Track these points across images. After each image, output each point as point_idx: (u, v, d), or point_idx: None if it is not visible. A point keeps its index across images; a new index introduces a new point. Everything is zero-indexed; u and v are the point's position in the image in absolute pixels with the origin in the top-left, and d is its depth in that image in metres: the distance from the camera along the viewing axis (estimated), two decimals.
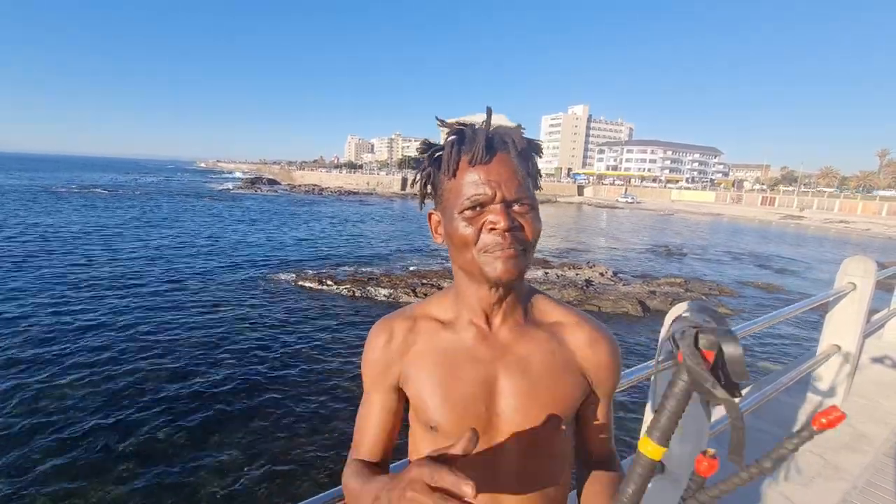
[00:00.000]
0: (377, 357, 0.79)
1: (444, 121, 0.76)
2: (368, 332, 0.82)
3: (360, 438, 0.81)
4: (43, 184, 56.76)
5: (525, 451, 0.73)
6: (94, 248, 18.61)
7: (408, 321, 0.80)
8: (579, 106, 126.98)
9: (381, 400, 0.80)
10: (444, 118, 0.78)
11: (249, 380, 7.87)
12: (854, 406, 3.14)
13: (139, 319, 10.47)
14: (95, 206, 34.54)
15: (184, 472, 5.57)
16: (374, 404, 0.80)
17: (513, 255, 0.68)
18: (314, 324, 10.72)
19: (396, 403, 0.80)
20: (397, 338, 0.78)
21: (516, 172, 0.69)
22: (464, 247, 0.70)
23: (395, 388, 0.79)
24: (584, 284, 14.80)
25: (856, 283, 2.95)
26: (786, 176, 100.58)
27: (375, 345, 0.79)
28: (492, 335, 0.76)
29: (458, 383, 0.73)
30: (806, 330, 11.53)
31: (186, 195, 49.81)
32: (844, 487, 2.32)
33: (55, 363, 8.11)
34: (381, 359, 0.78)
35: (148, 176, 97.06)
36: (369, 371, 0.80)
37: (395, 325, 0.80)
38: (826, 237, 38.45)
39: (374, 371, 0.79)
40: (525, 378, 0.73)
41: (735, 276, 19.08)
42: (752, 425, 2.74)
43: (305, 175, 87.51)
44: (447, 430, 0.72)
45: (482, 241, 0.69)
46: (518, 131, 0.71)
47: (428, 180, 0.76)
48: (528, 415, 0.72)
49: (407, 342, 0.78)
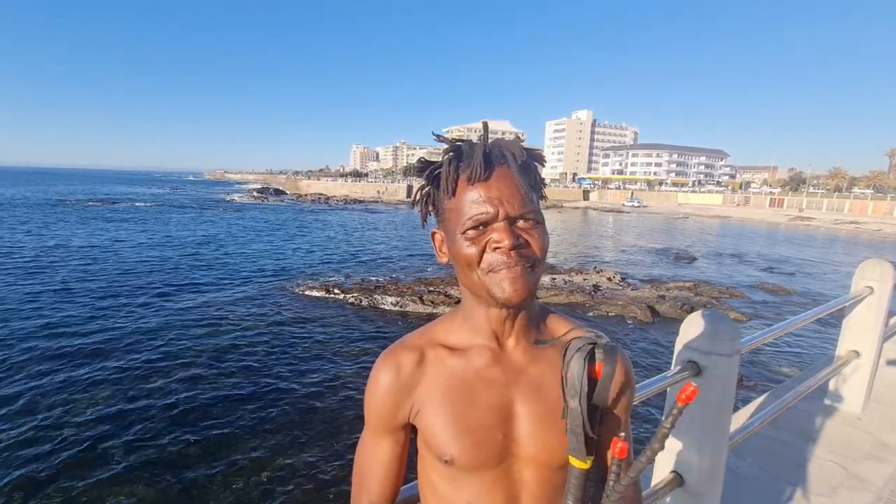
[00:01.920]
0: (384, 397, 0.74)
1: (441, 136, 0.73)
2: (372, 368, 0.77)
3: (369, 481, 0.77)
4: (44, 197, 57.53)
5: (543, 477, 0.70)
6: (96, 259, 18.79)
7: (415, 352, 0.75)
8: (583, 111, 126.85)
9: (390, 441, 0.76)
10: (449, 126, 0.78)
11: (257, 389, 7.87)
12: (875, 414, 3.06)
13: (146, 329, 10.52)
14: (101, 218, 34.95)
15: (191, 481, 5.56)
16: (383, 445, 0.76)
17: (520, 274, 0.65)
18: (321, 333, 10.71)
19: (405, 440, 0.77)
20: (405, 373, 0.74)
21: (518, 187, 0.66)
22: (468, 267, 0.68)
23: (405, 426, 0.76)
24: (591, 289, 14.70)
25: (873, 286, 2.89)
26: (794, 177, 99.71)
27: (382, 384, 0.74)
28: (505, 357, 0.73)
29: (473, 412, 0.70)
30: (822, 332, 11.34)
31: (193, 206, 50.30)
32: (868, 499, 2.25)
33: (61, 371, 8.16)
34: (389, 399, 0.74)
35: (154, 188, 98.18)
36: (376, 412, 0.75)
37: (401, 359, 0.75)
38: (836, 238, 38.00)
39: (382, 412, 0.75)
40: (541, 401, 0.71)
41: (745, 279, 18.87)
42: (771, 435, 2.67)
43: (311, 184, 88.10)
44: (464, 462, 0.69)
45: (486, 260, 0.66)
46: (517, 143, 0.68)
47: (428, 199, 0.74)
48: (547, 439, 0.69)
49: (416, 376, 0.73)
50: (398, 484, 0.78)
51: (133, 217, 36.98)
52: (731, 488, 2.11)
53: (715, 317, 1.57)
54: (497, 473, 0.69)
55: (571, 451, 0.65)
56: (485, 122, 0.71)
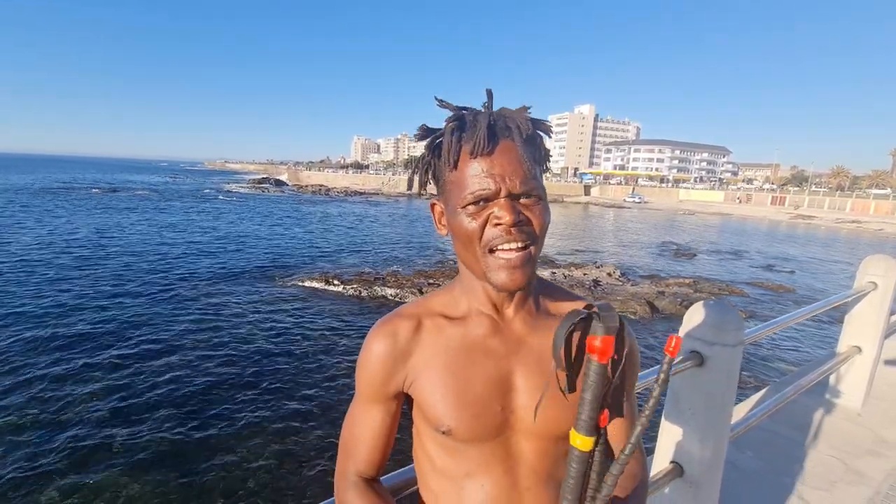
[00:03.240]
0: (379, 365, 0.72)
1: (445, 102, 0.69)
2: (367, 336, 0.75)
3: (356, 451, 0.75)
4: (43, 185, 57.39)
5: (542, 449, 0.69)
6: (93, 249, 18.73)
7: (411, 320, 0.73)
8: (586, 105, 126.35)
9: (381, 410, 0.74)
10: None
11: (255, 379, 7.88)
12: (875, 410, 3.05)
13: (145, 320, 10.52)
14: (100, 207, 34.89)
15: (189, 472, 5.57)
16: (374, 414, 0.74)
17: (519, 263, 0.63)
18: (321, 324, 10.72)
19: (397, 410, 0.75)
20: (400, 341, 0.72)
21: (521, 162, 0.64)
22: (469, 242, 0.66)
23: (398, 395, 0.74)
24: (591, 285, 14.69)
25: (877, 282, 2.87)
26: (796, 175, 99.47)
27: (376, 351, 0.72)
28: (505, 327, 0.72)
29: (471, 383, 0.68)
30: (824, 329, 11.35)
31: (193, 196, 50.20)
32: (867, 493, 2.25)
33: (58, 362, 8.17)
34: (383, 367, 0.72)
35: (154, 176, 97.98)
36: (369, 380, 0.73)
37: (397, 326, 0.73)
38: (837, 237, 37.94)
39: (376, 381, 0.73)
40: (541, 373, 0.69)
41: (744, 276, 18.85)
42: (771, 429, 2.67)
43: (312, 175, 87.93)
44: (461, 432, 0.67)
45: (487, 235, 0.64)
46: (523, 114, 0.66)
47: (428, 169, 0.71)
48: (546, 412, 0.67)
49: (412, 345, 0.72)
50: (386, 455, 0.77)
51: (132, 206, 36.91)
52: (731, 480, 2.11)
53: (720, 307, 1.55)
54: (495, 445, 0.68)
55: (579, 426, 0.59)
56: (489, 90, 0.67)
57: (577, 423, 0.58)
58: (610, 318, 0.57)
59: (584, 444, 0.58)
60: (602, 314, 0.57)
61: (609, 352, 0.56)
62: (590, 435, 0.58)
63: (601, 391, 0.57)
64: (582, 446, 0.58)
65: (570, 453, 0.60)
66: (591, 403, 0.57)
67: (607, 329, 0.56)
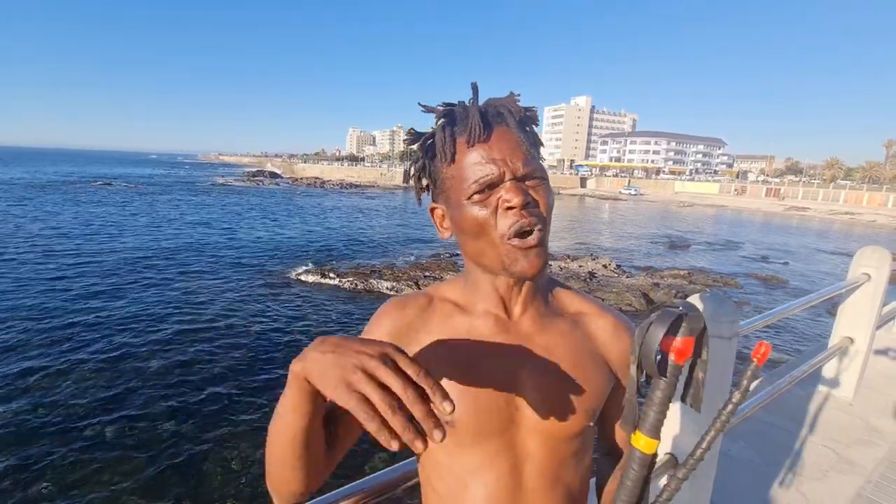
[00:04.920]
0: (386, 331, 0.71)
1: (428, 105, 0.68)
2: (378, 308, 0.74)
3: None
4: (39, 178, 56.82)
5: (549, 448, 0.68)
6: (87, 242, 18.56)
7: (423, 298, 0.74)
8: (582, 97, 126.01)
9: None
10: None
11: (251, 373, 7.88)
12: (866, 400, 3.09)
13: (139, 313, 10.47)
14: (93, 199, 34.58)
15: (187, 464, 5.58)
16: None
17: (533, 244, 0.62)
18: (317, 317, 10.72)
19: None
20: (410, 314, 0.71)
21: (520, 144, 0.63)
22: (481, 233, 0.64)
23: None
24: (587, 277, 14.74)
25: (870, 273, 2.89)
26: (790, 167, 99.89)
27: (386, 318, 0.72)
28: (512, 325, 0.71)
29: (476, 375, 0.67)
30: (819, 319, 11.47)
31: (187, 189, 49.81)
32: (859, 482, 2.29)
33: (55, 356, 8.14)
34: (391, 334, 0.70)
35: (148, 169, 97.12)
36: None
37: (409, 301, 0.73)
38: (831, 229, 38.22)
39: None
40: (549, 371, 0.68)
41: (739, 268, 18.98)
42: (765, 419, 2.70)
43: (307, 168, 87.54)
44: (465, 425, 0.66)
45: (501, 223, 0.62)
46: (512, 100, 0.65)
47: (423, 172, 0.70)
48: (553, 410, 0.67)
49: (422, 319, 0.71)
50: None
51: (126, 199, 36.60)
52: (725, 471, 2.13)
53: (715, 298, 1.55)
54: (501, 442, 0.67)
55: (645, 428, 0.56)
56: (474, 84, 0.66)
57: (642, 425, 0.56)
58: (696, 318, 0.55)
59: (647, 447, 0.56)
60: (689, 314, 0.55)
61: (688, 353, 0.54)
62: (655, 438, 0.56)
63: (671, 394, 0.56)
64: (646, 448, 0.57)
65: (632, 455, 0.58)
66: (660, 405, 0.56)
67: (691, 330, 0.54)
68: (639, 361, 0.55)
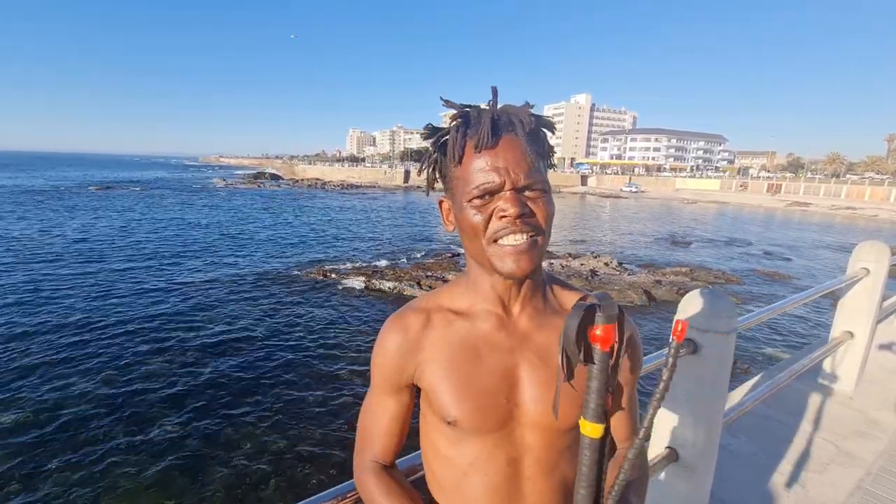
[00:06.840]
0: (391, 357, 0.75)
1: (449, 101, 0.71)
2: (380, 330, 0.78)
3: (372, 438, 0.79)
4: (36, 184, 56.95)
5: (546, 441, 0.71)
6: (92, 245, 18.66)
7: (421, 314, 0.76)
8: (582, 95, 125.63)
9: (395, 400, 0.77)
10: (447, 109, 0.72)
11: (255, 373, 7.91)
12: (866, 394, 3.11)
13: (141, 314, 10.53)
14: (98, 202, 34.67)
15: (193, 464, 5.62)
16: (387, 404, 0.78)
17: (524, 249, 0.65)
18: (319, 317, 10.74)
19: (409, 401, 0.78)
20: (411, 334, 0.75)
21: (525, 155, 0.65)
22: (474, 236, 0.68)
23: (410, 386, 0.77)
24: (588, 275, 14.75)
25: (869, 268, 2.91)
26: (792, 163, 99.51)
27: (389, 344, 0.75)
28: (511, 323, 0.74)
29: (477, 375, 0.71)
30: (818, 315, 11.46)
31: (189, 191, 49.90)
32: (858, 474, 2.31)
33: (63, 358, 8.20)
34: (395, 359, 0.75)
35: (150, 172, 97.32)
36: (382, 372, 0.76)
37: (408, 320, 0.76)
38: (832, 224, 38.09)
39: (388, 371, 0.76)
40: (547, 368, 0.71)
41: (741, 264, 18.96)
42: (765, 413, 2.72)
43: (308, 169, 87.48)
44: (466, 423, 0.70)
45: (492, 227, 0.66)
46: (526, 110, 0.67)
47: (435, 167, 0.73)
48: (551, 405, 0.70)
49: (422, 338, 0.74)
50: (400, 443, 0.80)
51: (129, 202, 36.69)
52: (725, 464, 2.16)
53: (713, 295, 1.58)
54: (500, 437, 0.70)
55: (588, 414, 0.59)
56: (494, 88, 0.68)
57: (585, 412, 0.59)
58: (609, 306, 0.58)
59: (594, 431, 0.59)
60: (602, 304, 0.58)
61: (611, 339, 0.58)
62: (599, 422, 0.59)
63: (605, 378, 0.59)
64: (592, 433, 0.59)
65: (582, 442, 0.60)
66: (597, 391, 0.59)
67: (608, 318, 0.58)
68: (563, 352, 0.59)
